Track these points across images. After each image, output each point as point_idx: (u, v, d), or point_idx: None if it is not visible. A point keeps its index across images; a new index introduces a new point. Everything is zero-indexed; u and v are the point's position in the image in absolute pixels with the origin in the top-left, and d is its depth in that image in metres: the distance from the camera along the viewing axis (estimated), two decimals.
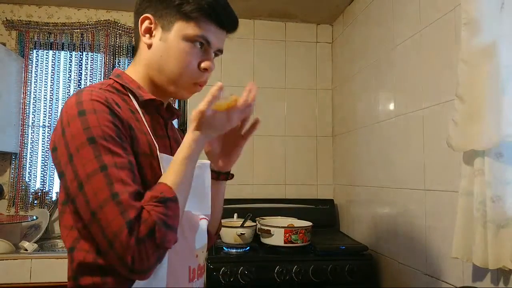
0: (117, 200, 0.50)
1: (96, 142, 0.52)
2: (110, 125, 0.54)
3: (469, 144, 0.85)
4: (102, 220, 0.50)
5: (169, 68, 0.63)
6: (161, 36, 0.63)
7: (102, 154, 0.52)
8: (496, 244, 0.80)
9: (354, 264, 1.39)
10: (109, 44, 1.91)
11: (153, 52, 0.64)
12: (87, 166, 0.51)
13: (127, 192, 0.51)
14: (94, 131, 0.53)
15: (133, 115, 0.61)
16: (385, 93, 1.46)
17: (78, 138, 0.53)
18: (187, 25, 0.61)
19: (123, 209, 0.49)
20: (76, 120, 0.53)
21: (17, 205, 1.78)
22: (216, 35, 0.65)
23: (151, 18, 0.63)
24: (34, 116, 1.85)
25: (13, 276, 1.35)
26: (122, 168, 0.52)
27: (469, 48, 0.86)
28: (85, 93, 0.57)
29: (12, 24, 1.86)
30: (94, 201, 0.50)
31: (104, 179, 0.50)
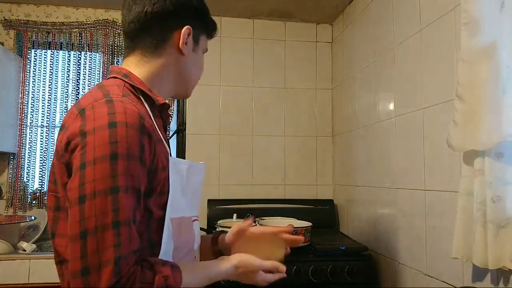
0: (118, 232, 0.48)
1: (117, 159, 0.50)
2: (138, 143, 0.52)
3: (469, 144, 0.85)
4: (91, 243, 0.47)
5: (196, 76, 0.73)
6: (193, 47, 0.69)
7: (119, 174, 0.50)
8: (496, 244, 0.80)
9: (354, 264, 1.39)
10: (107, 43, 1.90)
11: (185, 60, 0.69)
12: (99, 182, 0.49)
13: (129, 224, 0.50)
14: (120, 147, 0.50)
15: (149, 120, 0.60)
16: (385, 93, 1.45)
17: (101, 150, 0.50)
18: (206, 40, 0.73)
19: (118, 242, 0.48)
20: (104, 131, 0.51)
21: (15, 205, 1.77)
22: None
23: (191, 30, 0.68)
24: (33, 116, 1.84)
25: (11, 277, 1.34)
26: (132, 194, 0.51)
27: (469, 48, 0.86)
28: (117, 105, 0.54)
29: (10, 23, 1.85)
30: (91, 220, 0.48)
31: (112, 202, 0.49)
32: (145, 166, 0.54)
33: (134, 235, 0.51)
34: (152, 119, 0.62)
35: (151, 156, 0.55)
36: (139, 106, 0.60)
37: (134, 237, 0.50)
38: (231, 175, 1.91)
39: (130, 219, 0.50)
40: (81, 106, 0.56)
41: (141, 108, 0.59)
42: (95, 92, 0.59)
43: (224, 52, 1.95)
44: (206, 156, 1.88)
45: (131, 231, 0.50)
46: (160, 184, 0.58)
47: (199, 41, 0.71)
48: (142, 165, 0.53)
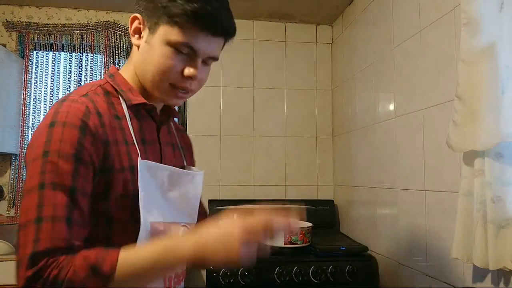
0: (39, 227, 0.48)
1: (47, 156, 0.51)
2: (73, 141, 0.52)
3: (469, 145, 0.85)
4: (20, 239, 0.49)
5: (151, 72, 0.60)
6: (147, 38, 0.60)
7: (47, 171, 0.50)
8: (496, 245, 0.80)
9: (354, 265, 1.39)
10: (109, 45, 1.91)
11: (140, 54, 0.62)
12: (30, 179, 0.51)
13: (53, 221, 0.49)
14: (52, 145, 0.51)
15: (118, 121, 0.59)
16: (385, 94, 1.46)
17: (37, 149, 0.52)
18: (171, 30, 0.57)
19: (37, 238, 0.48)
20: (44, 130, 0.53)
21: (17, 206, 1.78)
22: (206, 42, 0.59)
23: (140, 18, 0.61)
24: (34, 117, 1.85)
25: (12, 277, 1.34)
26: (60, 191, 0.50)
27: (469, 48, 0.86)
28: (66, 104, 0.55)
29: (12, 25, 1.86)
30: (22, 216, 0.50)
31: (37, 198, 0.49)
32: (87, 165, 0.53)
33: (61, 232, 0.49)
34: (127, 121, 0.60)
35: (98, 156, 0.54)
36: (105, 105, 0.58)
37: (60, 234, 0.49)
38: (232, 176, 1.91)
39: (55, 216, 0.49)
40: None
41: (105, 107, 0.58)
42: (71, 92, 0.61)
43: (224, 53, 1.93)
44: (206, 157, 1.88)
45: (56, 227, 0.49)
46: (118, 185, 0.56)
47: (156, 31, 0.59)
48: (79, 163, 0.52)
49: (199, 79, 0.62)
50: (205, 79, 0.65)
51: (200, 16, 0.56)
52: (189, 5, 0.56)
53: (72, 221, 0.50)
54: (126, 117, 0.61)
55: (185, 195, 0.68)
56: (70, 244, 0.50)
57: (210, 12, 0.57)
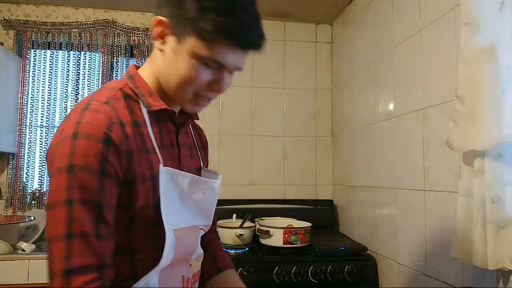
0: (69, 243, 0.49)
1: (73, 171, 0.50)
2: (98, 155, 0.51)
3: (468, 145, 0.85)
4: (52, 253, 0.49)
5: (175, 81, 0.58)
6: (173, 45, 0.57)
7: (74, 186, 0.50)
8: (496, 245, 0.80)
9: (353, 265, 1.39)
10: (107, 43, 1.90)
11: (165, 60, 0.59)
12: (56, 192, 0.50)
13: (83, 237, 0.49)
14: (76, 159, 0.50)
15: (138, 128, 0.58)
16: (384, 93, 1.45)
17: (61, 161, 0.51)
18: (200, 44, 0.54)
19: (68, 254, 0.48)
20: (67, 141, 0.51)
21: (15, 205, 1.77)
22: (235, 57, 0.57)
23: (166, 23, 0.57)
24: (32, 116, 1.84)
25: (10, 277, 1.34)
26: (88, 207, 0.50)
27: (469, 48, 0.85)
28: (88, 114, 0.53)
29: (10, 23, 1.84)
30: (50, 229, 0.50)
31: (65, 213, 0.49)
32: (112, 178, 0.52)
33: (92, 248, 0.50)
34: (148, 127, 0.59)
35: (121, 169, 0.53)
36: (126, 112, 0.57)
37: (91, 250, 0.50)
38: (231, 175, 1.91)
39: (85, 232, 0.49)
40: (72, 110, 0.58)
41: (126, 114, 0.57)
42: (89, 96, 0.59)
43: None
44: None
45: (87, 244, 0.49)
46: (141, 195, 0.55)
47: (183, 41, 0.55)
48: (105, 177, 0.52)
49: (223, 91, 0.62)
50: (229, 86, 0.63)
51: (231, 33, 0.54)
52: (221, 19, 0.52)
53: (101, 236, 0.51)
54: (147, 123, 0.60)
55: (204, 200, 0.68)
56: (101, 260, 0.50)
57: (242, 28, 0.54)
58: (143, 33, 1.93)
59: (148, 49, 1.92)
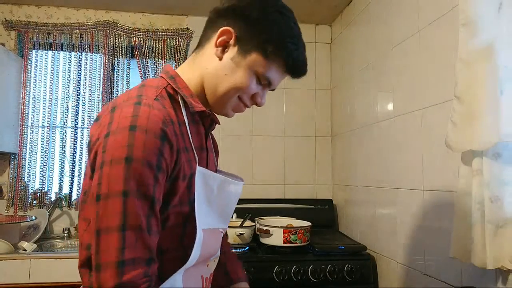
0: (123, 235, 0.48)
1: (131, 163, 0.50)
2: (156, 150, 0.51)
3: (467, 144, 0.85)
4: (102, 242, 0.49)
5: (226, 87, 0.62)
6: (234, 56, 0.61)
7: (131, 179, 0.49)
8: (494, 244, 0.80)
9: (353, 264, 1.39)
10: (108, 44, 1.91)
11: (220, 67, 0.62)
12: (112, 183, 0.50)
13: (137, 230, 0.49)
14: (135, 151, 0.50)
15: (180, 127, 0.59)
16: (383, 93, 1.46)
17: (118, 151, 0.50)
18: (262, 62, 0.61)
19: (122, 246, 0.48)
20: (124, 132, 0.51)
21: (16, 205, 1.78)
22: (280, 78, 0.65)
23: (233, 34, 0.61)
24: (33, 117, 1.85)
25: (11, 277, 1.35)
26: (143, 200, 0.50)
27: (467, 48, 0.86)
28: (143, 109, 0.53)
29: (11, 24, 1.85)
30: (103, 220, 0.49)
31: (121, 205, 0.49)
32: (164, 174, 0.53)
33: (144, 242, 0.50)
34: (187, 126, 0.61)
35: (172, 165, 0.55)
36: (172, 111, 0.58)
37: (143, 244, 0.50)
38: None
39: (139, 225, 0.50)
40: (115, 103, 0.57)
41: (173, 113, 0.58)
42: (132, 91, 0.59)
43: None
44: None
45: (140, 237, 0.49)
46: (179, 193, 0.57)
47: (247, 55, 0.60)
48: (159, 172, 0.52)
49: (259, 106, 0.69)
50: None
51: (293, 62, 0.63)
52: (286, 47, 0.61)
53: (151, 231, 0.51)
54: (186, 123, 0.61)
55: (227, 203, 0.69)
56: (151, 253, 0.51)
57: (297, 55, 0.63)
58: (144, 34, 1.93)
59: (149, 50, 1.93)
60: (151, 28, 1.95)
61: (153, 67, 1.91)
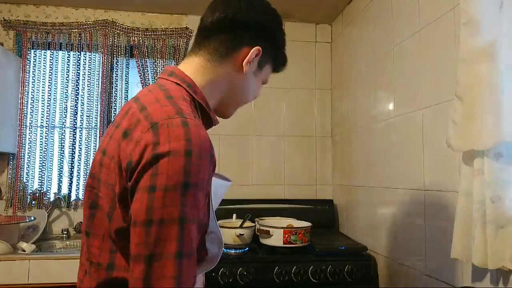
0: (180, 263, 0.48)
1: (188, 190, 0.49)
2: (206, 176, 0.51)
3: (468, 144, 0.85)
4: (156, 270, 0.47)
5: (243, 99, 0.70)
6: (255, 70, 0.67)
7: (188, 205, 0.49)
8: (495, 245, 0.80)
9: (353, 264, 1.39)
10: (107, 44, 1.90)
11: (243, 80, 0.66)
12: (167, 209, 0.48)
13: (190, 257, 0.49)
14: (192, 177, 0.49)
15: None
16: (384, 93, 1.45)
17: (174, 177, 0.48)
18: (269, 72, 0.71)
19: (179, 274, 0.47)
20: (180, 157, 0.49)
21: (15, 205, 1.77)
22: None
23: (260, 52, 0.66)
24: (32, 116, 1.84)
25: (10, 277, 1.34)
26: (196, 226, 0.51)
27: (468, 48, 0.85)
28: (193, 131, 0.51)
29: (10, 24, 1.85)
30: (157, 246, 0.47)
31: (177, 232, 0.48)
32: (208, 195, 0.55)
33: (194, 267, 0.50)
34: None
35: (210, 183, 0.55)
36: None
37: (194, 270, 0.50)
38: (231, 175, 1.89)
39: (192, 251, 0.50)
40: (152, 118, 0.53)
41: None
42: (164, 104, 0.55)
43: None
44: None
45: (192, 263, 0.50)
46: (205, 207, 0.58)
47: (263, 68, 0.69)
48: (205, 195, 0.53)
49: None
50: None
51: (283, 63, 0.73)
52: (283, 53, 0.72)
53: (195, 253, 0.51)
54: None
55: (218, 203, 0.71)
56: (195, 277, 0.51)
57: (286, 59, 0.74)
58: (143, 33, 1.93)
59: (148, 49, 1.92)
60: (150, 28, 1.94)
61: (152, 67, 1.91)
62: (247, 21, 0.65)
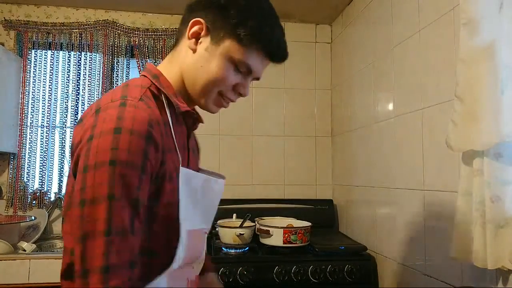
0: (109, 240, 0.47)
1: (115, 166, 0.49)
2: (141, 152, 0.51)
3: (468, 144, 0.85)
4: (87, 248, 0.48)
5: (204, 79, 0.61)
6: (207, 46, 0.60)
7: (116, 183, 0.49)
8: (495, 244, 0.80)
9: (353, 264, 1.39)
10: (107, 44, 1.90)
11: (195, 59, 0.61)
12: (96, 188, 0.49)
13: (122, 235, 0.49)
14: (120, 154, 0.49)
15: (165, 128, 0.58)
16: (384, 93, 1.46)
17: (102, 155, 0.49)
18: (237, 48, 0.59)
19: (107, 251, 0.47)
20: (109, 136, 0.50)
21: (16, 205, 1.77)
22: (263, 66, 0.63)
23: (204, 24, 0.60)
24: (33, 116, 1.84)
25: (11, 277, 1.34)
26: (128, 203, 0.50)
27: (468, 48, 0.86)
28: (128, 110, 0.52)
29: (11, 24, 1.85)
30: (88, 225, 0.48)
31: (106, 209, 0.48)
32: (148, 175, 0.53)
33: (129, 246, 0.49)
34: (171, 127, 0.60)
35: (157, 166, 0.54)
36: (157, 111, 0.57)
37: (128, 248, 0.49)
38: (231, 175, 1.91)
39: (124, 229, 0.49)
40: (99, 104, 0.55)
41: (158, 113, 0.57)
42: (116, 91, 0.57)
43: None
44: (205, 156, 1.88)
45: (125, 241, 0.49)
46: (166, 194, 0.56)
47: (220, 43, 0.59)
48: (143, 174, 0.51)
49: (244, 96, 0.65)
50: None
51: (266, 41, 0.60)
52: (259, 27, 0.59)
53: (135, 233, 0.51)
54: (171, 123, 0.61)
55: (210, 203, 0.68)
56: (134, 257, 0.50)
57: (275, 39, 0.60)
58: (144, 34, 1.93)
59: (149, 50, 1.93)
60: (151, 28, 1.95)
61: None
62: (197, 1, 0.63)
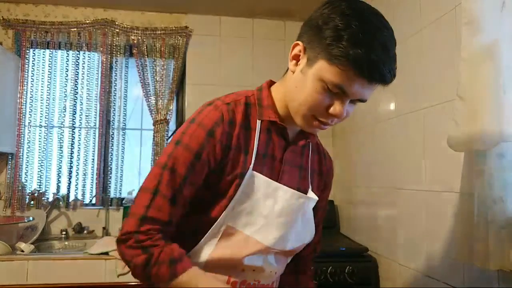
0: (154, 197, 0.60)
1: (178, 145, 0.63)
2: (200, 140, 0.63)
3: (470, 145, 0.84)
4: (137, 197, 0.62)
5: (298, 101, 0.63)
6: (303, 67, 0.62)
7: (172, 157, 0.62)
8: (497, 245, 0.79)
9: (354, 265, 1.38)
10: (106, 43, 1.89)
11: (292, 80, 0.65)
12: (162, 156, 0.64)
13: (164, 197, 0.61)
14: (185, 137, 0.63)
15: (247, 132, 0.67)
16: (385, 93, 1.45)
17: (177, 135, 0.65)
18: (328, 68, 0.57)
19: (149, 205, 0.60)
20: (187, 123, 0.65)
21: (14, 205, 1.76)
22: (359, 87, 0.58)
23: (302, 46, 0.63)
24: (31, 116, 1.83)
25: (9, 278, 1.33)
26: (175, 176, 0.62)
27: (470, 47, 0.85)
28: (209, 109, 0.65)
29: (9, 23, 1.84)
30: (145, 181, 0.63)
31: (159, 174, 0.61)
32: (201, 162, 0.63)
33: (166, 209, 0.61)
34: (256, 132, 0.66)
35: (215, 158, 0.64)
36: (240, 116, 0.66)
37: (165, 210, 0.61)
38: None
39: (167, 195, 0.61)
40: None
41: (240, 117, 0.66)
42: (225, 95, 0.70)
43: (224, 51, 1.94)
44: None
45: (164, 203, 0.61)
46: (225, 186, 0.65)
47: (314, 64, 0.59)
48: (196, 160, 0.62)
49: (339, 117, 0.62)
50: (349, 115, 0.64)
51: (361, 64, 0.55)
52: (353, 50, 0.55)
53: (176, 202, 0.62)
54: (256, 129, 0.67)
55: (288, 219, 0.69)
56: (169, 219, 0.62)
57: (372, 61, 0.56)
58: (142, 33, 1.92)
59: (148, 49, 1.91)
60: (150, 27, 1.94)
61: (152, 66, 1.90)
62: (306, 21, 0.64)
